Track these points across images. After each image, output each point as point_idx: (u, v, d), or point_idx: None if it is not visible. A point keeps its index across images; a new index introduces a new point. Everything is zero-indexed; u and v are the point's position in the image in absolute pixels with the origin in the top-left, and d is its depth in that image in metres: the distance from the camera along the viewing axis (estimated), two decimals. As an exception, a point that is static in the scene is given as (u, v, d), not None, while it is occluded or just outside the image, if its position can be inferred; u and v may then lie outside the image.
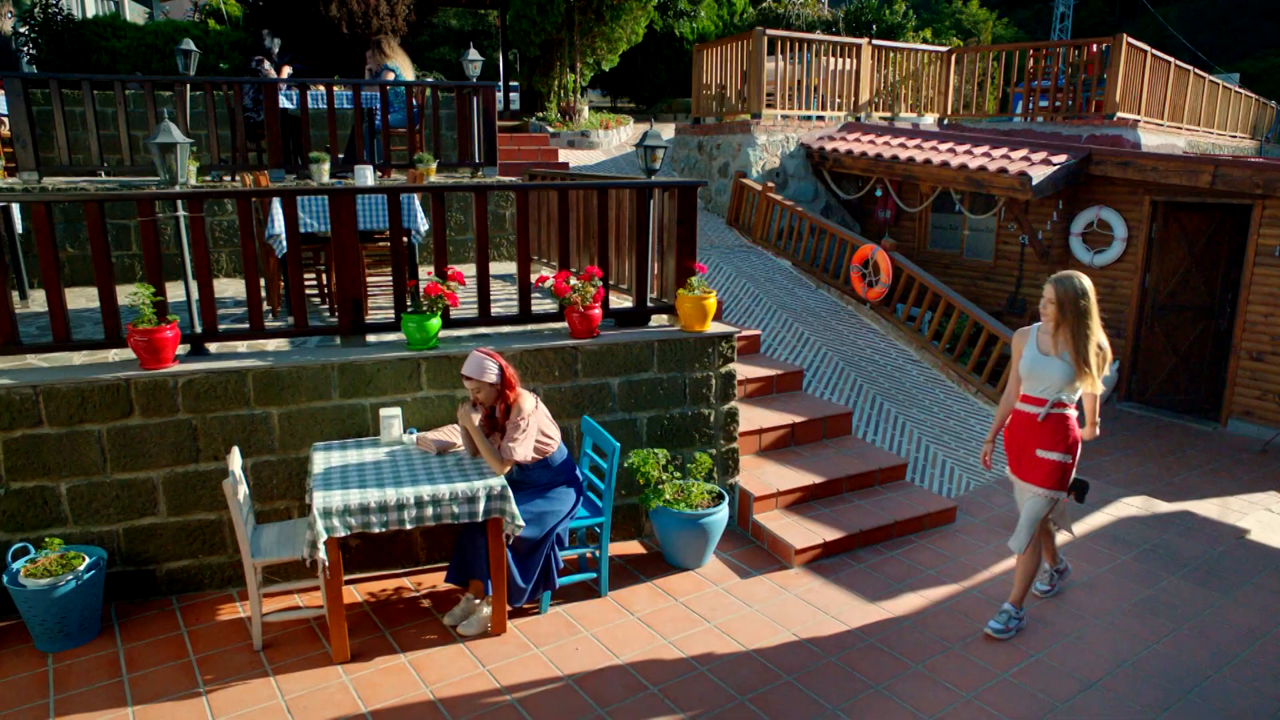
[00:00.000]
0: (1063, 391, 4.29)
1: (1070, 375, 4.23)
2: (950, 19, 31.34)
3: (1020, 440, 4.47)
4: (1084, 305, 4.17)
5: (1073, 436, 4.35)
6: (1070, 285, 4.20)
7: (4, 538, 4.38)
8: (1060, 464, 4.36)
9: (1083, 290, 4.18)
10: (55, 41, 11.24)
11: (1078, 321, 4.18)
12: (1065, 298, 4.20)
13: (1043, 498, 4.41)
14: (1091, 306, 4.19)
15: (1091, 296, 4.19)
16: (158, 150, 4.65)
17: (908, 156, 9.95)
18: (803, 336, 8.24)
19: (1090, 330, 4.18)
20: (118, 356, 4.81)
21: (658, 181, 5.43)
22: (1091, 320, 4.17)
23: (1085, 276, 4.22)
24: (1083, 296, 4.17)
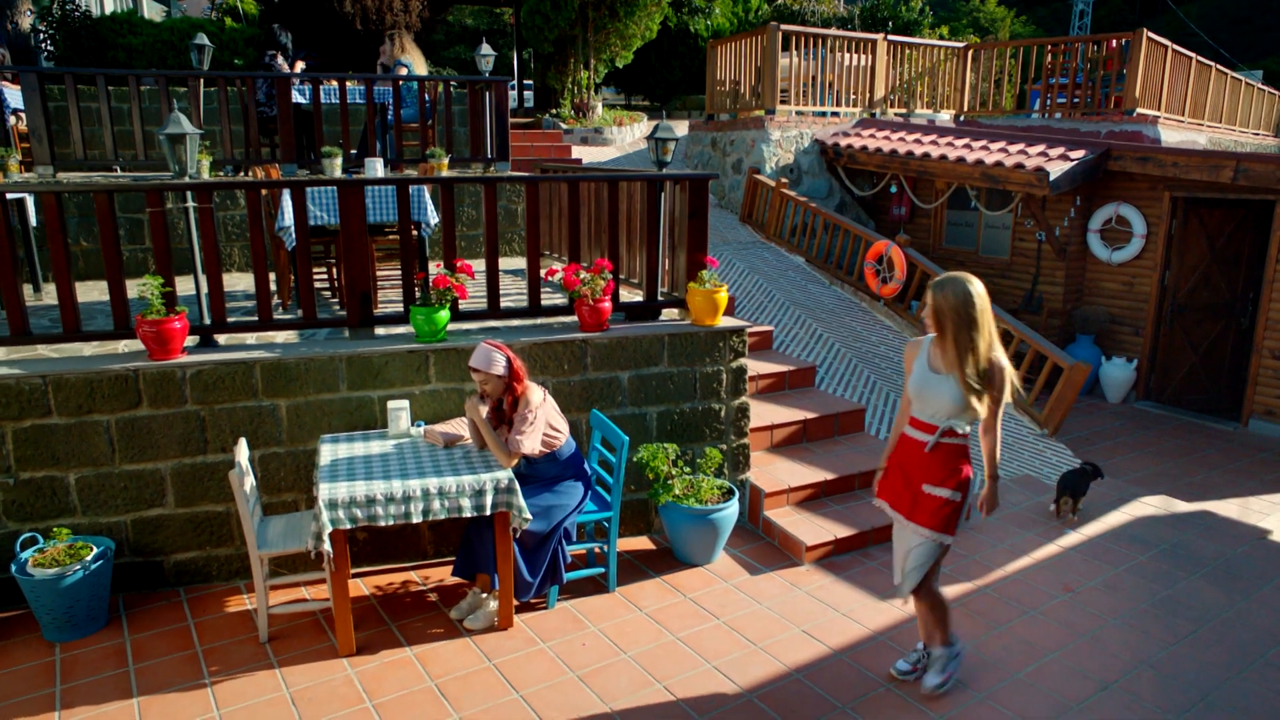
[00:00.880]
0: (954, 418, 3.60)
1: (961, 399, 3.53)
2: (968, 17, 31.12)
3: (905, 471, 3.79)
4: (968, 315, 3.45)
5: (965, 473, 3.68)
6: (951, 291, 3.49)
7: (13, 527, 4.39)
8: (948, 502, 3.68)
9: (966, 297, 3.46)
10: (72, 38, 11.31)
11: (959, 334, 3.47)
12: (944, 305, 3.50)
13: (929, 542, 3.73)
14: (979, 316, 3.45)
15: (978, 304, 3.45)
16: (167, 142, 4.65)
17: (923, 152, 9.86)
18: (816, 333, 8.17)
19: (975, 345, 3.46)
20: (127, 348, 4.81)
21: (669, 174, 5.39)
22: (978, 334, 3.45)
23: (975, 280, 3.51)
24: (966, 305, 3.44)
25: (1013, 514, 5.98)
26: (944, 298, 3.49)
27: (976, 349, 3.47)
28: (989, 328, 3.48)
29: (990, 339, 3.49)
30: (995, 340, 3.52)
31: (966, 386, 3.50)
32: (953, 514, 3.70)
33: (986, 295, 3.52)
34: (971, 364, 3.48)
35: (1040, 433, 7.26)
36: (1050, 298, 9.53)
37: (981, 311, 3.46)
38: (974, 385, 3.50)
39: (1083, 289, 9.61)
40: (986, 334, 3.47)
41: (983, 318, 3.46)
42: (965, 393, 3.51)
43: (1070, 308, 9.53)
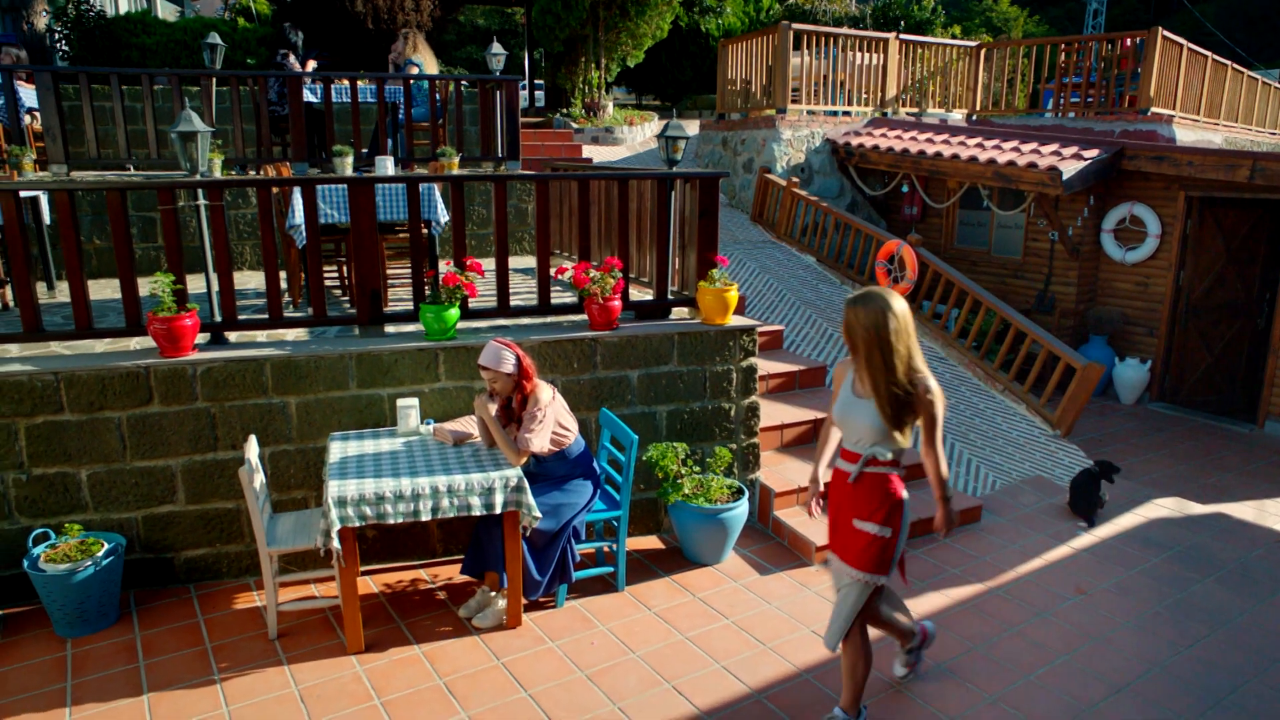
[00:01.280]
0: (875, 445, 3.31)
1: (880, 425, 3.26)
2: (980, 16, 30.97)
3: (835, 504, 3.53)
4: (880, 335, 3.16)
5: (895, 499, 3.36)
6: (864, 308, 3.20)
7: (25, 523, 4.41)
8: (876, 539, 3.36)
9: (879, 315, 3.16)
10: (87, 38, 11.38)
11: (870, 355, 3.19)
12: (854, 324, 3.23)
13: (859, 583, 3.43)
14: (893, 337, 3.15)
15: (893, 324, 3.15)
16: (179, 140, 4.66)
17: (935, 151, 9.80)
18: (826, 333, 8.13)
19: (890, 367, 3.17)
20: (139, 345, 4.83)
21: (679, 172, 5.37)
22: (893, 356, 3.16)
23: (895, 296, 3.22)
24: (879, 324, 3.15)
25: (1024, 515, 5.93)
26: (855, 315, 3.22)
27: (892, 371, 3.18)
28: (908, 348, 3.19)
29: (909, 360, 3.20)
30: (917, 362, 3.23)
31: (882, 411, 3.23)
32: (882, 552, 3.36)
33: (907, 314, 3.23)
34: (886, 387, 3.20)
35: (1052, 433, 7.21)
36: (1063, 298, 9.46)
37: (897, 332, 3.16)
38: (888, 410, 3.22)
39: (1096, 289, 9.54)
40: (904, 355, 3.18)
41: (899, 338, 3.16)
42: (881, 418, 3.24)
43: (1083, 308, 9.46)
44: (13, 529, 4.39)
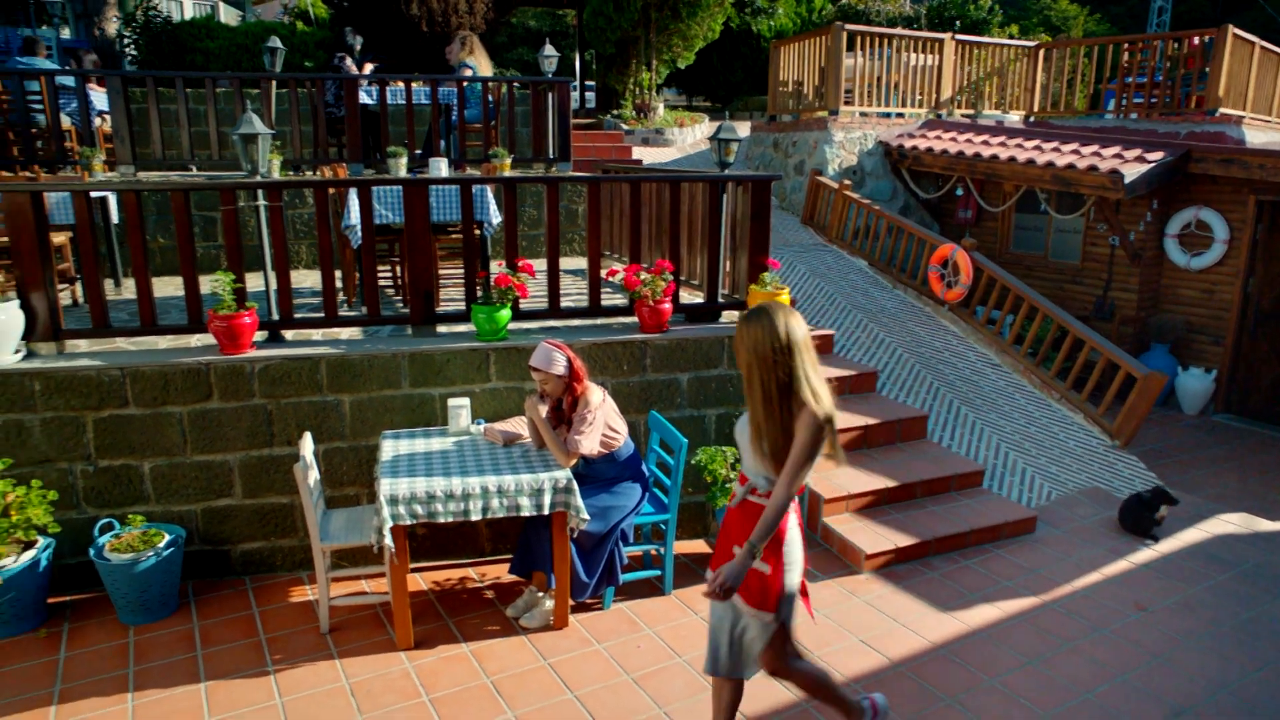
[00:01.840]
0: (758, 475, 3.03)
1: (754, 454, 3.00)
2: (1038, 15, 30.31)
3: (725, 527, 3.21)
4: (758, 355, 2.88)
5: (778, 539, 3.02)
6: (746, 325, 2.93)
7: (92, 513, 4.55)
8: (755, 572, 3.02)
9: (759, 333, 2.88)
10: (154, 43, 11.72)
11: (751, 374, 2.92)
12: (738, 342, 2.97)
13: (754, 621, 3.11)
14: (774, 356, 2.85)
15: (774, 344, 2.85)
16: (241, 141, 4.77)
17: (991, 154, 9.62)
18: (877, 337, 8.02)
19: (769, 394, 2.87)
20: (199, 342, 4.95)
21: (731, 175, 5.34)
22: (771, 380, 2.86)
23: (788, 315, 2.91)
24: (758, 344, 2.88)
25: (1081, 527, 5.78)
26: (739, 332, 2.96)
27: (769, 397, 2.88)
28: (791, 373, 2.85)
29: (798, 385, 2.86)
30: (804, 392, 2.85)
31: (754, 439, 2.96)
32: (761, 588, 3.03)
33: (802, 334, 2.91)
34: (762, 413, 2.91)
35: (1111, 444, 7.02)
36: (1123, 304, 9.21)
37: (784, 350, 2.85)
38: (762, 439, 2.93)
39: (1158, 296, 9.27)
40: (783, 381, 2.86)
41: (786, 358, 2.86)
42: (753, 446, 2.97)
43: (1144, 315, 9.20)
44: (80, 518, 4.52)
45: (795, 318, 2.94)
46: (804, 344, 2.91)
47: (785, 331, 2.87)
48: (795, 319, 2.93)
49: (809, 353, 2.92)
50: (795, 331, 2.89)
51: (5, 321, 4.33)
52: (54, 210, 5.81)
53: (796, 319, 2.94)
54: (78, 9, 12.38)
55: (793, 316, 2.94)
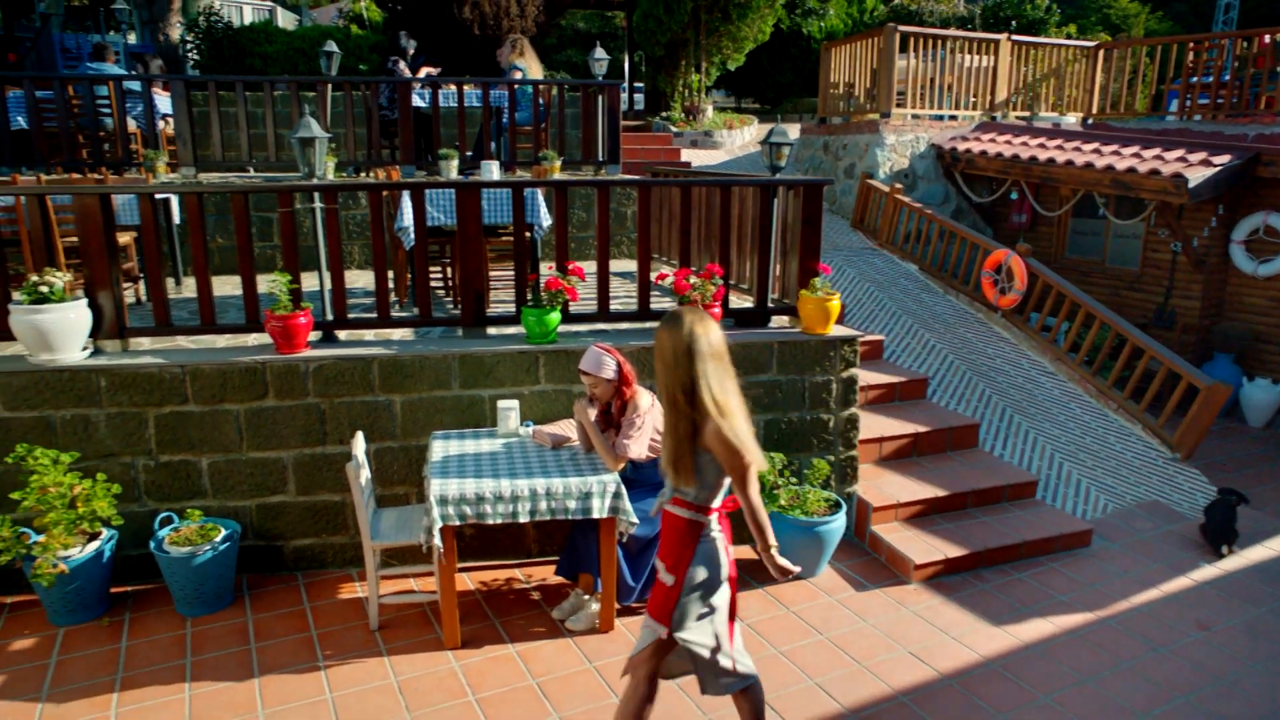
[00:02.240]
0: (670, 482, 2.98)
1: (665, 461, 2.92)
2: (1097, 13, 29.61)
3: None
4: (663, 359, 2.85)
5: (683, 548, 2.96)
6: (662, 328, 2.88)
7: (153, 506, 4.67)
8: (661, 584, 2.99)
9: (667, 338, 2.83)
10: (215, 48, 12.02)
11: (660, 378, 2.89)
12: (656, 346, 2.91)
13: (646, 630, 3.06)
14: (675, 360, 2.80)
15: (679, 348, 2.79)
16: (298, 144, 4.86)
17: (1047, 157, 9.42)
18: (928, 343, 7.90)
19: (674, 399, 2.82)
20: (256, 341, 5.05)
21: (783, 179, 5.30)
22: (675, 384, 2.80)
23: (703, 321, 2.85)
24: (662, 348, 2.85)
25: (1139, 542, 5.62)
26: (659, 335, 2.89)
27: (673, 402, 2.83)
28: (693, 378, 2.79)
29: (699, 393, 2.79)
30: (707, 396, 2.80)
31: (664, 445, 2.91)
32: (665, 600, 2.97)
33: (717, 344, 2.86)
34: (668, 419, 2.87)
35: (1171, 456, 6.81)
36: (1185, 312, 8.95)
37: (685, 355, 2.79)
38: (669, 445, 2.88)
39: (1223, 304, 8.98)
40: (686, 385, 2.79)
41: (687, 363, 2.79)
42: (664, 453, 2.92)
43: (1208, 323, 8.92)
44: (141, 511, 4.65)
45: (708, 325, 2.87)
46: (710, 352, 2.83)
47: (688, 336, 2.81)
48: (707, 326, 2.86)
49: (715, 362, 2.84)
50: (700, 338, 2.81)
51: (74, 320, 4.47)
52: (120, 211, 5.97)
53: (708, 326, 2.87)
54: (144, 16, 12.75)
55: (705, 323, 2.86)
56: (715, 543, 3.01)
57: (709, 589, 3.00)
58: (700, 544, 2.97)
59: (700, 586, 2.98)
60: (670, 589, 2.97)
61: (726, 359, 2.90)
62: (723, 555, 3.04)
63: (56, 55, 13.49)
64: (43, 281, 4.37)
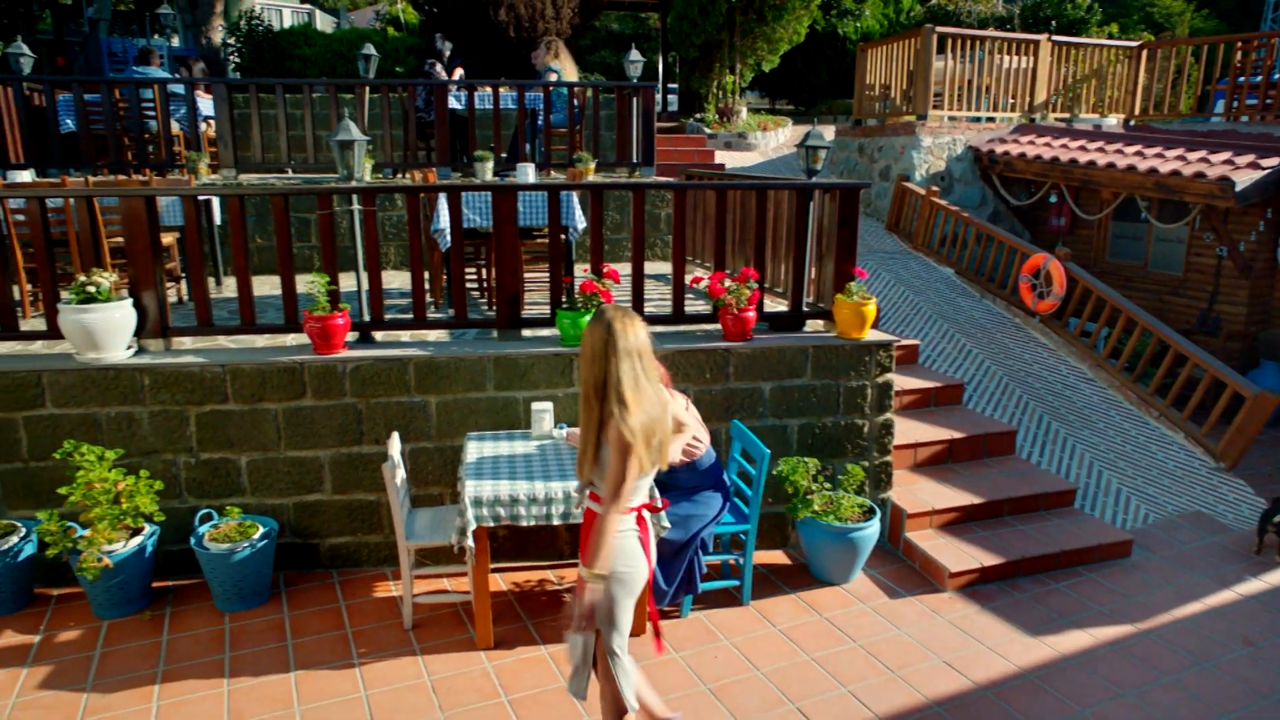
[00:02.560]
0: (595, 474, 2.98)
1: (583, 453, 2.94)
2: (1139, 12, 29.06)
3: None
4: (583, 352, 2.90)
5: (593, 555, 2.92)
6: (589, 324, 2.91)
7: (193, 503, 4.75)
8: (582, 581, 2.94)
9: (589, 332, 2.88)
10: (256, 51, 12.22)
11: (581, 375, 2.93)
12: (581, 342, 2.96)
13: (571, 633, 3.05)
14: (592, 353, 2.84)
15: (597, 344, 2.83)
16: (337, 147, 4.92)
17: (1088, 160, 9.26)
18: (964, 348, 7.81)
19: (587, 390, 2.87)
20: (294, 341, 5.12)
21: (819, 183, 5.27)
22: (589, 375, 2.84)
23: (628, 318, 2.87)
24: (583, 340, 2.91)
25: (1181, 553, 5.51)
26: (584, 331, 2.93)
27: (587, 392, 2.87)
28: (614, 376, 2.80)
29: (609, 390, 2.81)
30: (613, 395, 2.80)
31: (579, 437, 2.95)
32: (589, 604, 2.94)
33: (636, 342, 2.85)
34: (581, 412, 2.92)
35: (1215, 466, 6.67)
36: (1230, 319, 8.75)
37: (601, 349, 2.82)
38: (585, 438, 2.91)
39: (1270, 310, 8.77)
40: (598, 377, 2.82)
41: (602, 360, 2.81)
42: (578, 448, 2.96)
43: (1254, 330, 8.72)
44: (182, 507, 4.74)
45: (630, 323, 2.87)
46: (626, 350, 2.83)
47: (608, 333, 2.82)
48: (630, 324, 2.87)
49: (631, 360, 2.83)
50: (619, 336, 2.82)
51: (120, 319, 4.56)
52: (163, 212, 6.09)
53: (632, 324, 2.87)
54: (187, 20, 12.99)
55: (627, 322, 2.86)
56: (627, 541, 3.00)
57: (624, 589, 3.01)
58: (615, 550, 2.95)
59: (614, 584, 2.98)
60: (580, 584, 2.98)
61: (647, 358, 2.91)
62: (638, 556, 3.03)
63: (104, 59, 13.79)
64: (90, 282, 4.46)
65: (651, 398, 2.88)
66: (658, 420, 2.89)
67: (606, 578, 2.92)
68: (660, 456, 2.95)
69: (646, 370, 2.88)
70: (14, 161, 7.86)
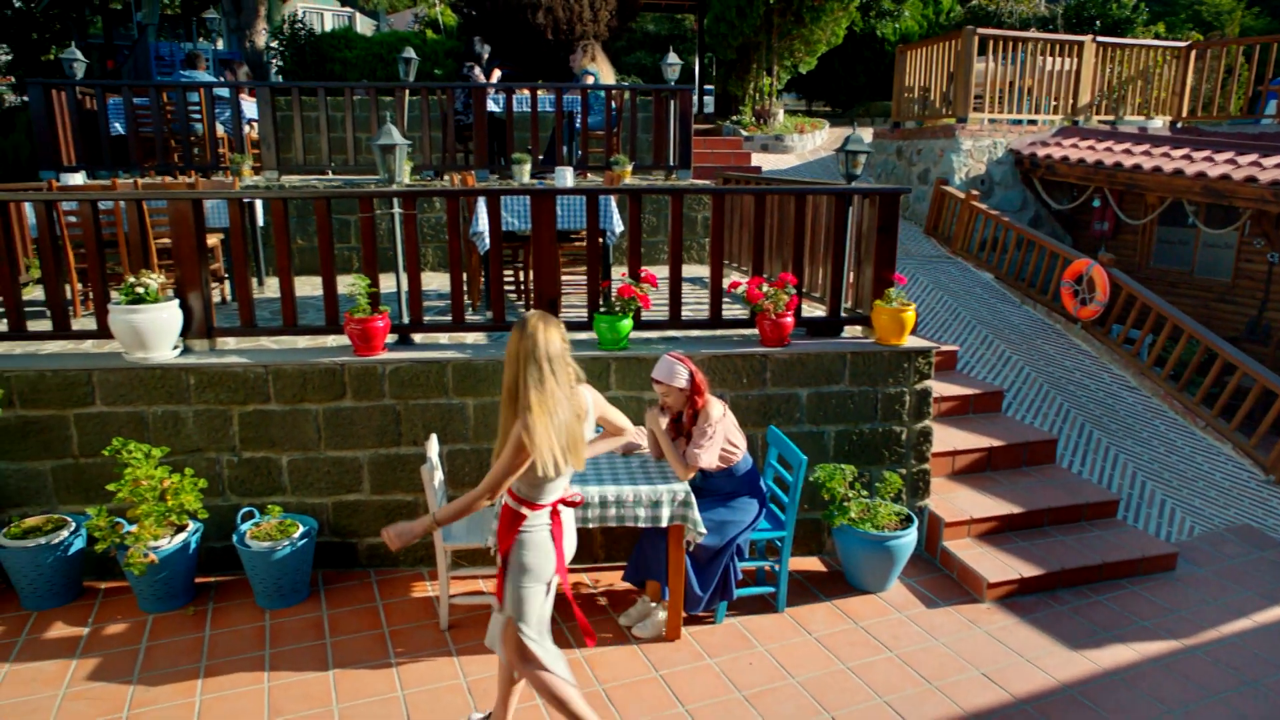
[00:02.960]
0: None
1: None
2: (1187, 10, 28.45)
3: None
4: (509, 357, 3.07)
5: (511, 535, 3.17)
6: (514, 329, 3.11)
7: (235, 501, 4.84)
8: (501, 572, 3.26)
9: (520, 338, 3.04)
10: (299, 54, 12.40)
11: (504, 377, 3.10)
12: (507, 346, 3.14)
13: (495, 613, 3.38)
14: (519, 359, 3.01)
15: (521, 350, 3.01)
16: (379, 151, 4.98)
17: (1133, 164, 9.09)
18: (1003, 355, 7.71)
19: (505, 397, 3.07)
20: (335, 342, 5.18)
21: (859, 188, 5.23)
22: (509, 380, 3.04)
23: (548, 323, 3.07)
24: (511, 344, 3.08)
25: (1228, 568, 5.39)
26: (511, 334, 3.12)
27: (505, 397, 3.08)
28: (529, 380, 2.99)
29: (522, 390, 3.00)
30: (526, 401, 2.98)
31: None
32: (502, 585, 3.25)
33: (551, 348, 3.03)
34: (505, 410, 3.09)
35: (1265, 479, 6.51)
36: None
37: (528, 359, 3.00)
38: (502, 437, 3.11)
39: (1321, 318, 8.55)
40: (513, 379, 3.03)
41: (530, 365, 2.99)
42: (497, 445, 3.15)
43: (1305, 339, 8.50)
44: (225, 505, 4.82)
45: (548, 329, 3.06)
46: (541, 355, 3.00)
47: (527, 339, 3.02)
48: (547, 330, 3.05)
49: (541, 365, 3.01)
50: (538, 344, 3.01)
51: (167, 320, 4.65)
52: (209, 214, 6.21)
53: (548, 330, 3.05)
54: (231, 23, 13.23)
55: (545, 326, 3.06)
56: (536, 534, 3.20)
57: (531, 577, 3.22)
58: (521, 533, 3.19)
59: (522, 573, 3.21)
60: (498, 574, 3.27)
61: (558, 363, 3.06)
62: (547, 549, 3.22)
63: (151, 63, 14.08)
64: (139, 283, 4.56)
65: (560, 402, 3.04)
66: (565, 424, 3.05)
67: (436, 525, 3.21)
68: (573, 458, 3.10)
69: (557, 375, 3.04)
70: (66, 164, 8.06)
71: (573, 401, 3.12)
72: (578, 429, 3.13)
